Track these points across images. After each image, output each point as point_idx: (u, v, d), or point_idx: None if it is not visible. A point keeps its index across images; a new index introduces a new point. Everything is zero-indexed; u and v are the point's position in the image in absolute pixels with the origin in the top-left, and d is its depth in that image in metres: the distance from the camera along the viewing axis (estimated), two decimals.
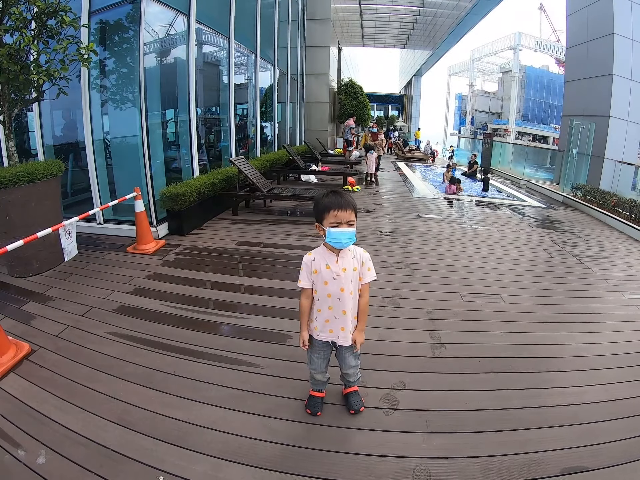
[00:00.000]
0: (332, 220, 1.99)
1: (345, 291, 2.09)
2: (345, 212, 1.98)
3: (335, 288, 2.09)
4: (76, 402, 2.35)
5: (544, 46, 53.91)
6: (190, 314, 3.49)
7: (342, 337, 2.18)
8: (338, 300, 2.11)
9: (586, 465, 2.08)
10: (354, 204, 2.03)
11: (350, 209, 2.00)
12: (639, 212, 8.00)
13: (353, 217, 2.01)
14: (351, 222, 2.01)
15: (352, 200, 2.04)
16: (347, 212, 1.98)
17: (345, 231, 1.98)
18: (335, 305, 2.12)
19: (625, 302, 4.34)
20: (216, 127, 8.65)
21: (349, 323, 2.16)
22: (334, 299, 2.11)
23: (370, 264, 2.16)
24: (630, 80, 11.09)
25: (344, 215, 1.98)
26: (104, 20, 5.35)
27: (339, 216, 1.97)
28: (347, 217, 1.98)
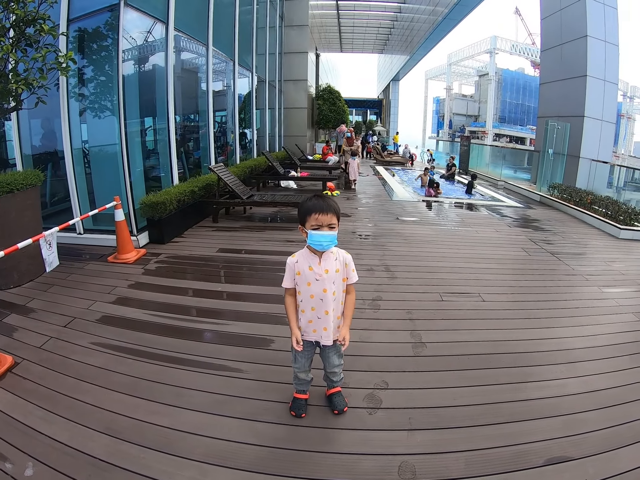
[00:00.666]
0: (314, 223, 2.05)
1: (328, 292, 2.14)
2: (327, 215, 2.04)
3: (318, 289, 2.14)
4: (62, 413, 2.34)
5: (520, 49, 54.99)
6: (173, 321, 3.50)
7: (324, 337, 2.23)
8: (321, 301, 2.16)
9: (569, 455, 2.16)
10: (336, 208, 2.09)
11: (332, 213, 2.05)
12: (614, 208, 8.22)
13: (334, 221, 2.07)
14: (332, 225, 2.06)
15: (335, 204, 2.10)
16: (328, 216, 2.04)
17: (325, 234, 2.04)
18: (317, 306, 2.17)
19: (602, 296, 4.49)
20: (195, 134, 8.64)
21: (331, 323, 2.21)
22: (316, 300, 2.16)
23: (353, 265, 2.23)
24: (603, 80, 11.40)
25: (325, 219, 2.03)
26: (83, 28, 5.33)
27: (320, 219, 2.03)
28: (328, 220, 2.04)
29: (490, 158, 18.08)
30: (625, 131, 58.18)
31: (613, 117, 12.08)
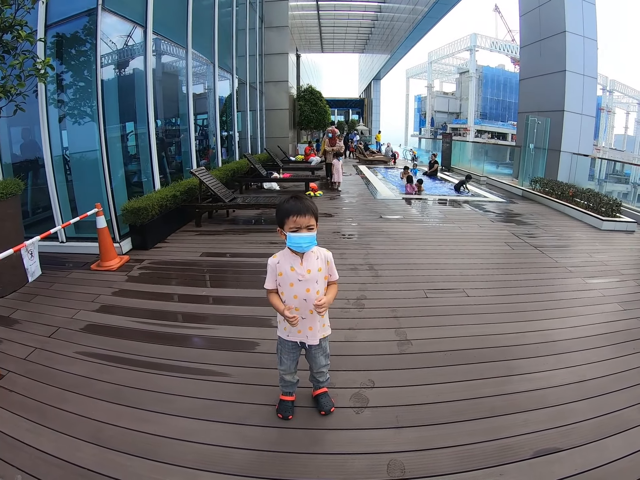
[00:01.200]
0: (292, 225, 2.05)
1: (312, 291, 2.15)
2: (304, 217, 2.04)
3: (301, 289, 2.15)
4: (49, 424, 2.31)
5: (500, 46, 55.54)
6: (158, 328, 3.48)
7: (310, 336, 2.24)
8: (304, 301, 2.16)
9: (558, 446, 2.20)
10: (313, 209, 2.09)
11: (310, 214, 2.06)
12: (596, 200, 8.35)
13: (313, 222, 2.07)
14: (311, 226, 2.07)
15: (312, 205, 2.10)
16: (306, 218, 2.04)
17: (304, 236, 2.04)
18: (302, 306, 2.17)
19: (586, 287, 4.58)
20: (176, 138, 8.58)
21: (316, 322, 2.22)
22: (300, 300, 2.16)
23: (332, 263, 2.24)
24: (583, 75, 11.57)
25: (302, 221, 2.04)
26: (61, 34, 5.26)
27: (298, 221, 2.04)
28: (306, 222, 2.04)
29: (472, 154, 18.27)
30: (606, 124, 59.16)
31: (593, 111, 12.27)
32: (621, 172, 12.45)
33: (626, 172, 12.10)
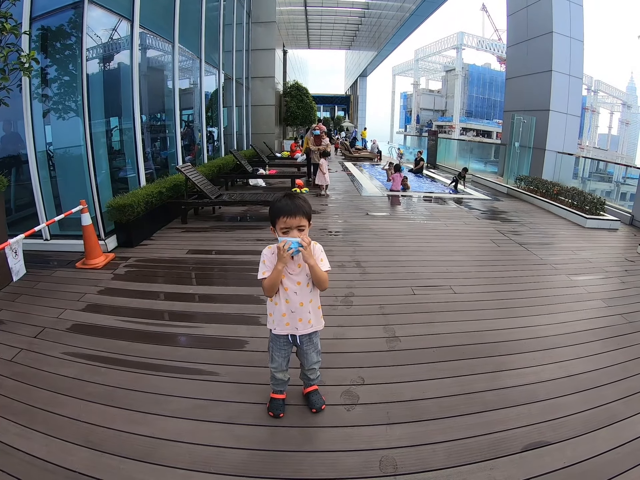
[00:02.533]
0: (282, 226, 2.04)
1: (302, 284, 2.16)
2: (295, 218, 2.03)
3: (291, 283, 2.16)
4: (38, 427, 2.27)
5: (486, 45, 56.02)
6: (145, 327, 3.44)
7: (300, 327, 2.24)
8: (295, 294, 2.17)
9: (547, 440, 2.24)
10: (305, 209, 2.07)
11: (300, 215, 2.04)
12: (580, 199, 8.50)
13: (304, 222, 2.06)
14: (301, 227, 2.06)
15: (305, 205, 2.08)
16: (296, 219, 2.03)
17: (293, 240, 2.02)
18: (292, 299, 2.18)
19: (571, 284, 4.67)
20: (162, 134, 8.49)
21: (307, 313, 2.22)
22: (290, 293, 2.17)
23: (322, 255, 2.19)
24: (568, 75, 11.74)
25: (293, 222, 2.03)
26: (46, 27, 5.15)
27: (288, 222, 2.03)
28: (296, 223, 2.03)
29: (457, 152, 18.41)
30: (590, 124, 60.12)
31: (578, 111, 12.46)
32: (604, 170, 12.66)
33: (609, 171, 12.31)
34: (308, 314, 2.22)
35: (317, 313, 2.29)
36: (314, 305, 2.26)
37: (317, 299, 2.28)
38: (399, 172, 11.32)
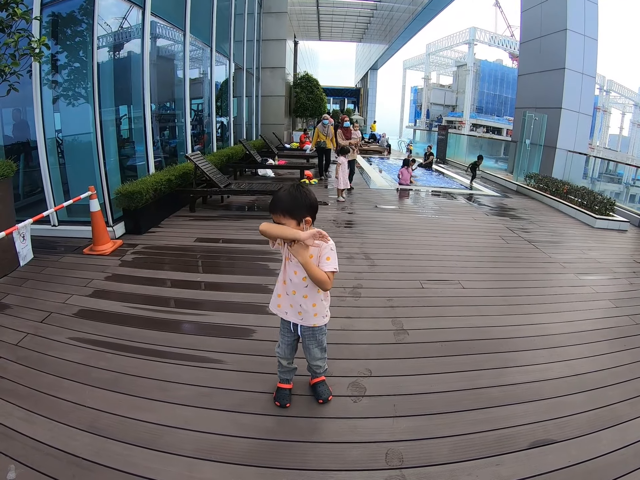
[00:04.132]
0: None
1: (298, 275, 2.11)
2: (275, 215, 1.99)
3: (290, 269, 2.14)
4: (42, 412, 2.27)
5: (498, 41, 55.36)
6: (152, 313, 3.43)
7: (290, 313, 2.22)
8: (290, 281, 2.16)
9: (553, 438, 2.22)
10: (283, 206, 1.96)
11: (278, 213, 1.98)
12: (590, 198, 8.41)
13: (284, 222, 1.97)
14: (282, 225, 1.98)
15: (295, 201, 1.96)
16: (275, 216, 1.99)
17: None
18: (288, 283, 2.17)
19: (579, 283, 4.62)
20: (171, 122, 8.47)
21: (297, 305, 2.18)
22: (287, 277, 2.16)
23: (330, 254, 2.05)
24: (582, 74, 11.59)
25: (277, 220, 1.99)
26: (57, 13, 5.12)
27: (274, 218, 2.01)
28: (276, 220, 2.00)
29: (467, 148, 18.28)
30: (601, 124, 59.43)
31: (590, 110, 12.33)
32: (614, 171, 12.54)
33: (619, 172, 12.20)
34: (299, 305, 2.17)
35: (309, 310, 2.18)
36: (308, 301, 2.16)
37: (314, 296, 2.17)
38: (407, 167, 11.27)
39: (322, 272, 2.01)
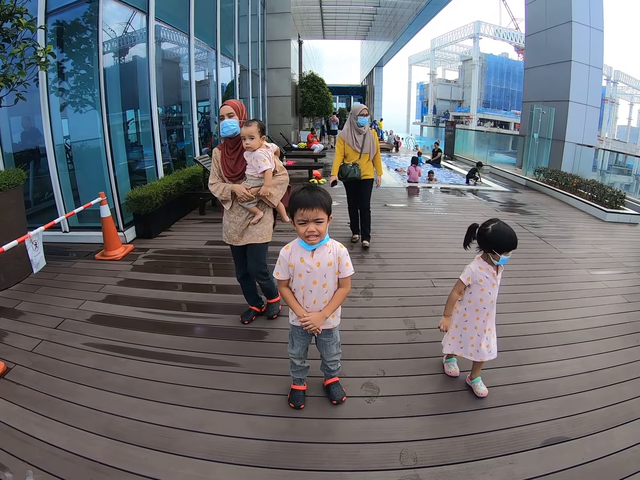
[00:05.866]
0: (300, 218, 2.00)
1: (318, 284, 2.12)
2: (312, 210, 1.98)
3: (308, 281, 2.12)
4: (58, 417, 2.30)
5: (504, 34, 54.98)
6: (164, 317, 3.46)
7: None
8: (310, 292, 2.14)
9: (566, 435, 2.21)
10: (323, 202, 2.01)
11: (318, 207, 1.99)
12: (600, 192, 8.31)
13: (322, 215, 2.00)
14: (320, 220, 2.01)
15: (324, 197, 2.02)
16: (313, 211, 1.98)
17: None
18: (307, 296, 2.16)
19: (591, 279, 4.56)
20: (178, 125, 8.50)
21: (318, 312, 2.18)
22: (306, 291, 2.15)
23: (347, 259, 2.16)
24: (588, 65, 11.48)
25: (310, 214, 1.98)
26: (62, 21, 5.16)
27: (305, 214, 1.98)
28: (313, 215, 1.99)
29: (475, 143, 18.16)
30: (609, 115, 58.76)
31: (598, 102, 12.20)
32: (624, 163, 12.39)
33: (629, 164, 12.04)
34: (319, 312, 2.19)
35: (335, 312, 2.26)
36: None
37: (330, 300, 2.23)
38: (415, 165, 11.25)
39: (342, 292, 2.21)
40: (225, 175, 3.05)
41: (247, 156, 2.93)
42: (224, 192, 3.00)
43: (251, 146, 2.84)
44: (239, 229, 3.07)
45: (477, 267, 2.48)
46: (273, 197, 3.02)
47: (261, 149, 2.90)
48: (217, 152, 3.08)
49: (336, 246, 2.16)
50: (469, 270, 2.51)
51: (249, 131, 2.81)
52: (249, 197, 2.95)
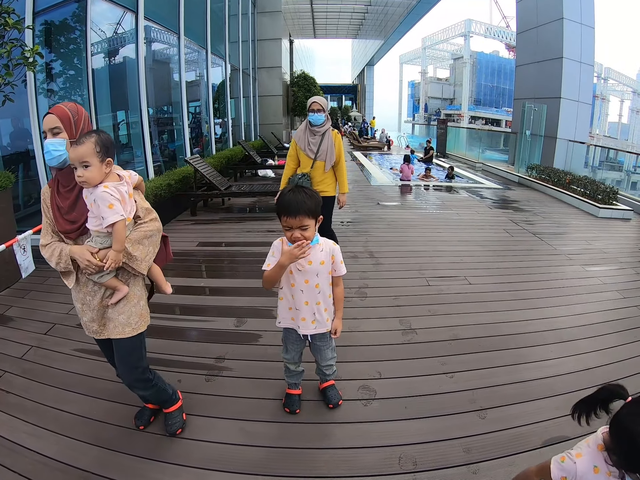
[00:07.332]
0: (284, 224, 1.91)
1: (310, 283, 2.04)
2: (295, 218, 1.85)
3: (299, 279, 2.04)
4: (49, 426, 2.23)
5: (494, 32, 55.30)
6: (155, 321, 3.33)
7: (302, 326, 2.12)
8: (301, 292, 2.05)
9: (567, 435, 2.17)
10: (307, 207, 1.85)
11: (302, 214, 1.85)
12: (593, 188, 8.34)
13: (307, 222, 1.87)
14: (304, 227, 1.87)
15: (308, 201, 1.86)
16: (297, 219, 1.85)
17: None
18: (297, 297, 2.07)
19: (586, 275, 4.56)
20: (169, 126, 8.45)
21: (310, 314, 2.10)
22: (296, 290, 2.06)
23: (341, 257, 2.10)
24: (579, 62, 11.51)
25: (293, 222, 1.86)
26: (50, 21, 5.10)
27: (289, 222, 1.87)
28: (297, 223, 1.86)
29: (467, 140, 18.21)
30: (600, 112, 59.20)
31: (589, 99, 12.24)
32: (615, 159, 12.46)
33: (620, 160, 12.12)
34: (313, 315, 2.10)
35: (322, 315, 2.13)
36: (320, 307, 2.11)
37: (326, 301, 2.13)
38: (408, 163, 11.24)
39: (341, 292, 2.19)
40: (60, 230, 1.87)
41: (87, 197, 1.78)
42: (60, 259, 1.86)
43: (86, 180, 1.71)
44: (96, 316, 1.95)
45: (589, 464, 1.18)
46: (137, 260, 1.88)
47: (107, 184, 1.76)
48: (46, 193, 1.88)
49: (329, 244, 2.08)
50: (569, 466, 1.20)
51: (79, 154, 1.68)
52: (97, 267, 1.79)
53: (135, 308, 1.98)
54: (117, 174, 1.86)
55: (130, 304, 1.96)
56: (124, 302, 1.94)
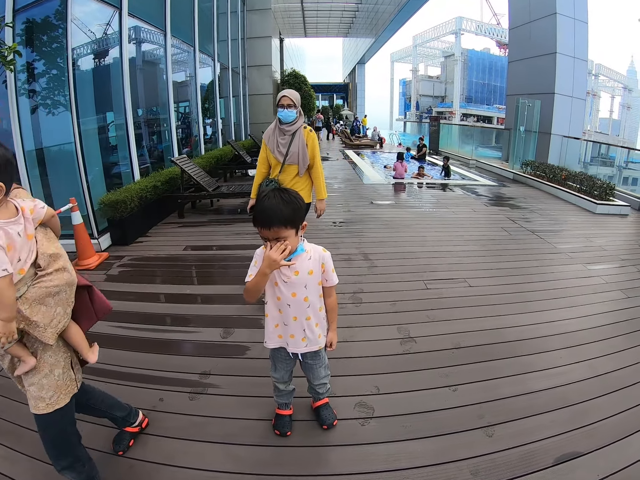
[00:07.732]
0: (260, 236, 1.71)
1: (298, 296, 1.83)
2: (269, 230, 1.65)
3: (286, 292, 1.83)
4: (25, 450, 2.05)
5: (485, 30, 55.51)
6: (140, 333, 3.19)
7: (291, 344, 1.94)
8: (288, 307, 1.85)
9: (580, 450, 2.04)
10: (284, 216, 1.64)
11: (277, 226, 1.64)
12: (589, 184, 8.24)
13: (283, 234, 1.66)
14: (281, 238, 1.67)
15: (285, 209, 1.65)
16: (271, 231, 1.65)
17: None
18: (285, 311, 1.87)
19: (588, 274, 4.42)
20: (156, 127, 8.21)
21: (300, 331, 1.91)
22: (283, 304, 1.86)
23: (332, 265, 1.90)
24: (573, 57, 11.46)
25: (268, 234, 1.67)
26: (31, 19, 4.88)
27: (263, 234, 1.68)
28: (272, 235, 1.66)
29: (459, 137, 18.17)
30: (591, 108, 59.58)
31: (583, 94, 12.23)
32: (606, 155, 12.40)
33: (611, 155, 12.06)
34: (303, 331, 1.91)
35: (313, 332, 1.94)
36: (311, 323, 1.92)
37: (317, 315, 1.94)
38: (401, 161, 11.11)
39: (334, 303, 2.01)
40: None
41: None
42: None
43: None
44: (16, 379, 1.63)
45: None
46: (38, 327, 1.46)
47: None
48: None
49: (318, 250, 1.87)
50: None
51: None
52: None
53: (47, 379, 1.56)
54: (14, 205, 1.40)
55: (40, 375, 1.55)
56: (32, 373, 1.54)
